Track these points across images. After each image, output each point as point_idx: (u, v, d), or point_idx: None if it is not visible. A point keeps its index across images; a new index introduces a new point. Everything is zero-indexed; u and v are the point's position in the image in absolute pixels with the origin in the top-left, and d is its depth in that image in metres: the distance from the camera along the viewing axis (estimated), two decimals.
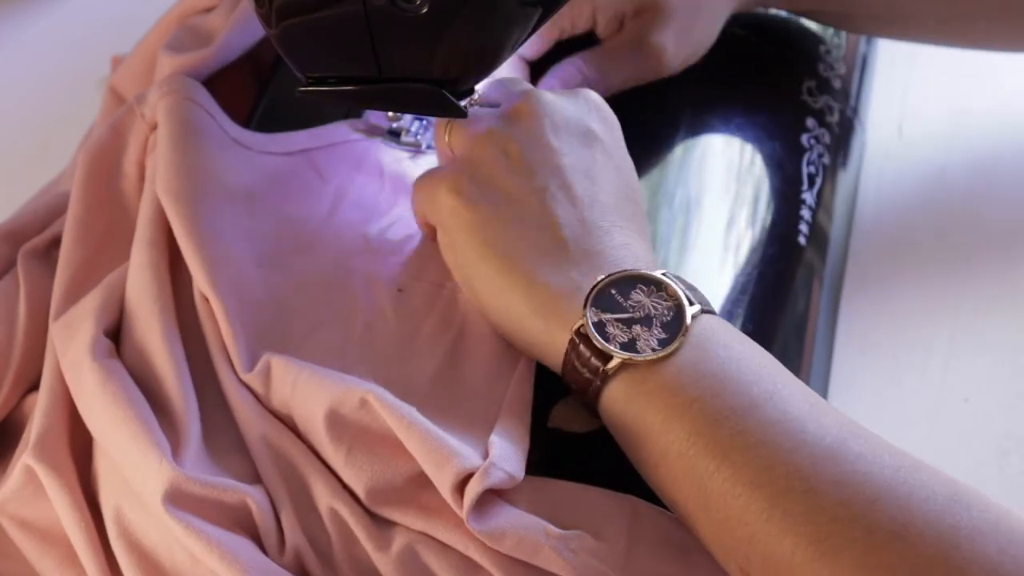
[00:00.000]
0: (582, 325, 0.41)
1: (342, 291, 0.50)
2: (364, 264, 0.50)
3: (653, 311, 0.41)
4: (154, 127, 0.54)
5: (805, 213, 0.56)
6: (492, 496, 0.41)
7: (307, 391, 0.44)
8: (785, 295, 0.53)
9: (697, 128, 0.57)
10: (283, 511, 0.42)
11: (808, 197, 0.57)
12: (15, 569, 0.46)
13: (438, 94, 0.45)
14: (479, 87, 0.49)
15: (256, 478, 0.44)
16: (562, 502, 0.42)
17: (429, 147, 0.56)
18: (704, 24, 0.57)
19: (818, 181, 0.58)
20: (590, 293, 0.41)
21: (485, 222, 0.44)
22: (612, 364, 0.40)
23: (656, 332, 0.41)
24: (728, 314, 0.51)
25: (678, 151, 0.56)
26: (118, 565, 0.42)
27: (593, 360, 0.41)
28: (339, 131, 0.56)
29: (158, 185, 0.50)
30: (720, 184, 0.55)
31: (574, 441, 0.44)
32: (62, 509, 0.43)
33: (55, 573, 0.44)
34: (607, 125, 0.49)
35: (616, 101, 0.57)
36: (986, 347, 0.58)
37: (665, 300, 0.41)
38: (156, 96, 0.54)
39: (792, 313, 0.54)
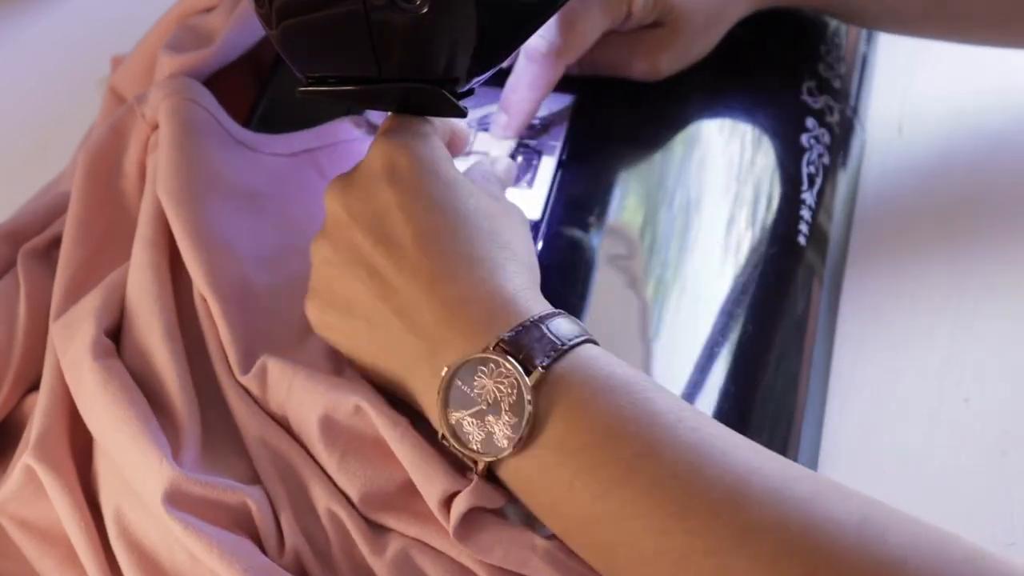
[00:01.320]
0: (443, 434, 0.40)
1: None
2: None
3: (498, 394, 0.39)
4: (155, 127, 0.54)
5: (805, 213, 0.56)
6: (478, 509, 0.41)
7: (302, 396, 0.44)
8: (785, 295, 0.53)
9: (697, 128, 0.57)
10: (282, 512, 0.42)
11: (808, 197, 0.56)
12: (15, 569, 0.46)
13: (438, 94, 0.45)
14: None
15: (256, 479, 0.44)
16: None
17: None
18: (708, 42, 0.58)
19: (818, 181, 0.58)
20: (440, 393, 0.40)
21: (349, 341, 0.45)
22: (480, 467, 0.40)
23: (506, 418, 0.39)
24: (728, 314, 0.51)
25: (678, 151, 0.56)
26: (118, 565, 0.42)
27: (467, 459, 0.41)
28: (341, 129, 0.56)
29: (159, 186, 0.50)
30: (720, 184, 0.55)
31: None
32: (62, 509, 0.43)
33: (55, 573, 0.44)
34: (394, 179, 0.45)
35: (616, 102, 0.57)
36: (986, 347, 0.58)
37: (506, 376, 0.39)
38: (158, 97, 0.54)
39: (792, 313, 0.54)
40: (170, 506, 0.41)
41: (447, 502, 0.40)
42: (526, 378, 0.39)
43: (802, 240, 0.55)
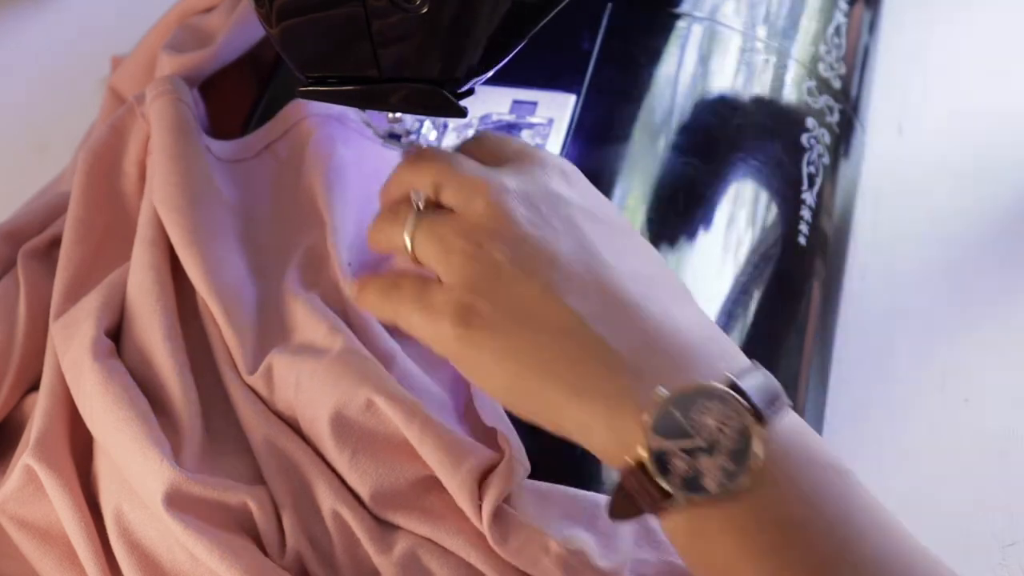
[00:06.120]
0: (641, 456, 0.36)
1: (316, 284, 0.50)
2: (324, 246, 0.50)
3: (719, 436, 0.36)
4: None
5: (805, 213, 0.56)
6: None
7: (311, 393, 0.44)
8: (785, 295, 0.53)
9: (697, 128, 0.57)
10: (285, 513, 0.43)
11: (808, 197, 0.56)
12: (15, 569, 0.46)
13: (438, 94, 0.45)
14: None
15: (257, 479, 0.44)
16: (564, 509, 0.42)
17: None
18: None
19: (818, 181, 0.58)
20: (651, 416, 0.36)
21: (509, 346, 0.39)
22: (675, 502, 0.36)
23: (722, 461, 0.36)
24: (728, 314, 0.51)
25: (678, 151, 0.56)
26: (118, 565, 0.43)
27: (653, 491, 0.36)
28: (292, 111, 0.55)
29: (153, 194, 0.50)
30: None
31: None
32: (62, 509, 0.43)
33: (55, 573, 0.44)
34: (571, 181, 0.44)
35: (616, 102, 0.57)
36: (986, 347, 0.58)
37: (731, 419, 0.36)
38: (149, 97, 0.54)
39: (792, 313, 0.54)
40: (170, 507, 0.41)
41: (479, 480, 0.40)
42: (760, 428, 0.36)
43: (802, 240, 0.55)
